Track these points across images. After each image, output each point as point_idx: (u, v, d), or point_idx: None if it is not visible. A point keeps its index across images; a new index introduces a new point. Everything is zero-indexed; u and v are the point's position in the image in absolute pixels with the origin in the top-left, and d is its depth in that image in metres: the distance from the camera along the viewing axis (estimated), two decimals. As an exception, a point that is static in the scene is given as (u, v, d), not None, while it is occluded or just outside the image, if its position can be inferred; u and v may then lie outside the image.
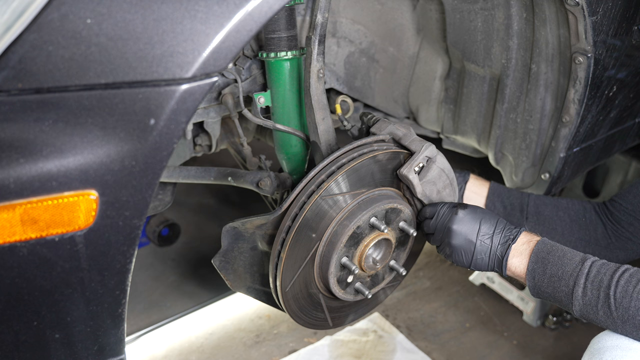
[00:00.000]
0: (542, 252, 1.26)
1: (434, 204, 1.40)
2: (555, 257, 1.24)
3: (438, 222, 1.35)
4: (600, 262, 1.20)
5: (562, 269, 1.22)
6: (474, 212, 1.33)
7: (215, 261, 1.39)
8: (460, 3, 1.65)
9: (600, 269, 1.19)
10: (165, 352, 2.19)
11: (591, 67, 1.48)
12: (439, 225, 1.35)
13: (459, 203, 1.37)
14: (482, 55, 1.70)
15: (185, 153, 1.73)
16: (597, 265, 1.19)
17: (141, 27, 0.92)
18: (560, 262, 1.23)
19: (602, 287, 1.16)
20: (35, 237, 0.94)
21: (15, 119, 0.89)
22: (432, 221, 1.37)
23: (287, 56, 1.44)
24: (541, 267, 1.25)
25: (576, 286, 1.19)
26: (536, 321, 2.34)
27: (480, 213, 1.33)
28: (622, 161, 2.69)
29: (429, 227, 1.39)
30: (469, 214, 1.32)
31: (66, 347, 1.07)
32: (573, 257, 1.23)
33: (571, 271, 1.21)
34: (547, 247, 1.27)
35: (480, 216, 1.32)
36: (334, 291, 1.39)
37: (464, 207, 1.34)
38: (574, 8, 1.38)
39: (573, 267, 1.21)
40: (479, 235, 1.30)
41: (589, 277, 1.18)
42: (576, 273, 1.20)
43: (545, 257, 1.25)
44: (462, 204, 1.35)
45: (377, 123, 1.45)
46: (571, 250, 1.26)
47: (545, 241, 1.29)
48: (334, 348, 2.21)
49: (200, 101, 0.97)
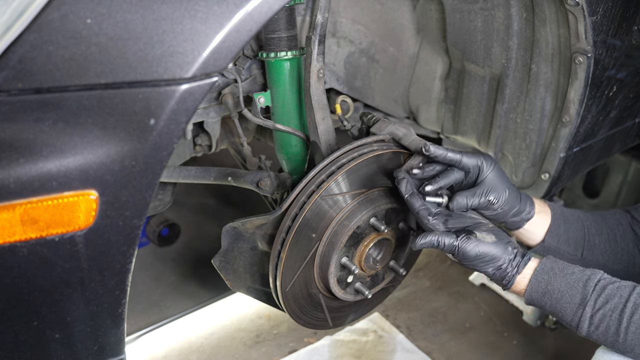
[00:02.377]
0: (537, 292, 1.22)
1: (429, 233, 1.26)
2: (552, 299, 1.21)
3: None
4: (604, 299, 1.15)
5: (562, 312, 1.19)
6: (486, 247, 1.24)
7: (215, 261, 1.39)
8: (460, 3, 1.65)
9: (605, 311, 1.15)
10: (165, 352, 2.19)
11: (591, 67, 1.48)
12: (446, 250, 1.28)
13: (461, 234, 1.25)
14: (482, 55, 1.70)
15: (185, 153, 1.73)
16: (600, 305, 1.15)
17: (141, 27, 0.92)
18: (558, 306, 1.20)
19: (609, 333, 1.14)
20: (35, 237, 0.94)
21: (15, 119, 0.89)
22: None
23: (287, 56, 1.44)
24: (539, 303, 1.23)
25: (579, 329, 1.18)
26: (536, 321, 2.34)
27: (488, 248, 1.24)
28: (622, 161, 2.69)
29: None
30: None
31: (66, 347, 1.07)
32: (572, 299, 1.18)
33: (572, 316, 1.18)
34: (542, 286, 1.22)
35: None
36: (334, 291, 1.39)
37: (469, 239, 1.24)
38: (574, 8, 1.38)
39: (573, 311, 1.18)
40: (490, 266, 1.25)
41: (593, 322, 1.15)
42: (577, 319, 1.17)
43: (541, 299, 1.22)
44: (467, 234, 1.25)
45: (377, 123, 1.45)
46: (570, 283, 1.20)
47: (539, 277, 1.23)
48: (334, 348, 2.21)
49: (200, 101, 0.97)
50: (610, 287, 1.16)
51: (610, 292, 1.16)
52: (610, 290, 1.16)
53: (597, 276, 1.19)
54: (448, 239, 1.21)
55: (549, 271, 1.22)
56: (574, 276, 1.20)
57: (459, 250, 1.21)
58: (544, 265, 1.24)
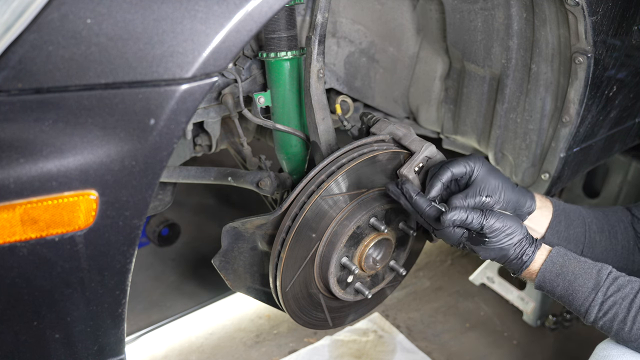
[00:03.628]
0: (551, 273, 1.23)
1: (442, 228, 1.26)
2: (565, 280, 1.21)
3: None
4: (615, 287, 1.17)
5: (573, 295, 1.20)
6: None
7: (215, 261, 1.39)
8: (460, 3, 1.65)
9: (615, 298, 1.16)
10: (165, 352, 2.19)
11: (591, 67, 1.48)
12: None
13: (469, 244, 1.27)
14: (482, 55, 1.70)
15: (185, 153, 1.73)
16: (611, 293, 1.17)
17: (141, 27, 0.92)
18: (571, 288, 1.21)
19: (616, 320, 1.16)
20: (35, 237, 0.94)
21: (15, 119, 0.89)
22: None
23: (287, 56, 1.44)
24: (549, 287, 1.23)
25: (587, 315, 1.19)
26: (536, 321, 2.34)
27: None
28: (622, 161, 2.69)
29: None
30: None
31: (66, 347, 1.07)
32: (585, 283, 1.19)
33: (582, 300, 1.19)
34: (556, 267, 1.23)
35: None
36: (334, 291, 1.39)
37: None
38: (574, 8, 1.38)
39: (585, 295, 1.19)
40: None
41: (602, 309, 1.17)
42: (588, 304, 1.18)
43: (554, 279, 1.22)
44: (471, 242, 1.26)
45: (377, 123, 1.45)
46: (583, 268, 1.21)
47: (555, 259, 1.24)
48: (334, 348, 2.21)
49: (200, 101, 0.97)
50: (622, 279, 1.19)
51: (622, 283, 1.18)
52: (622, 280, 1.18)
53: (608, 267, 1.21)
54: (475, 214, 1.22)
55: (563, 255, 1.24)
56: (587, 264, 1.22)
57: (486, 222, 1.21)
58: (558, 249, 1.26)
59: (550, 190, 1.77)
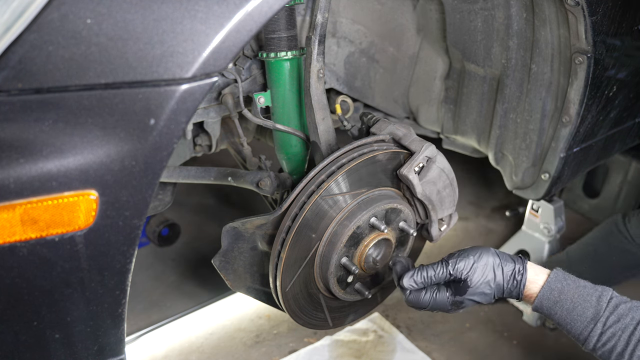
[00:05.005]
0: (549, 300, 1.21)
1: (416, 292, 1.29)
2: (563, 309, 1.20)
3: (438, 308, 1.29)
4: (615, 317, 1.15)
5: (571, 324, 1.19)
6: (462, 291, 1.25)
7: (215, 261, 1.39)
8: (460, 3, 1.65)
9: (615, 330, 1.14)
10: (165, 352, 2.19)
11: (591, 67, 1.48)
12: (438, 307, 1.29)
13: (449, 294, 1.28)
14: (482, 55, 1.70)
15: (185, 153, 1.73)
16: (611, 323, 1.15)
17: (141, 27, 0.92)
18: (569, 317, 1.19)
19: (614, 352, 1.14)
20: (35, 237, 0.94)
21: (15, 119, 0.89)
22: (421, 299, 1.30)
23: (287, 56, 1.44)
24: (547, 312, 1.22)
25: (586, 344, 1.17)
26: (536, 321, 2.34)
27: (469, 288, 1.24)
28: (622, 161, 2.69)
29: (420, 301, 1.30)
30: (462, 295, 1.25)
31: (66, 347, 1.07)
32: (584, 312, 1.17)
33: (581, 329, 1.17)
34: (554, 294, 1.21)
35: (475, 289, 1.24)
36: (334, 291, 1.39)
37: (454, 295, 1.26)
38: (574, 8, 1.38)
39: (584, 325, 1.17)
40: (490, 292, 1.25)
41: (601, 340, 1.15)
42: (587, 333, 1.17)
43: (552, 307, 1.21)
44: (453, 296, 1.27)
45: (377, 123, 1.45)
46: (582, 296, 1.19)
47: (553, 286, 1.21)
48: (334, 348, 2.21)
49: (200, 101, 0.97)
50: (623, 307, 1.16)
51: (623, 312, 1.15)
52: (622, 309, 1.16)
53: (609, 293, 1.19)
54: (434, 266, 1.26)
55: (562, 280, 1.22)
56: (586, 290, 1.20)
57: (452, 267, 1.24)
58: (556, 273, 1.23)
59: (550, 190, 1.77)
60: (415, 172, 1.37)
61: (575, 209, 2.99)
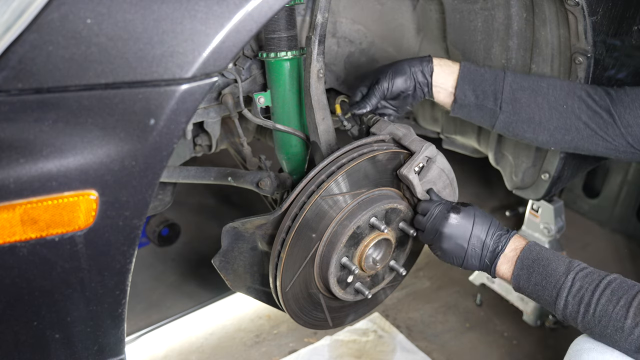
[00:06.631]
0: (528, 259, 1.27)
1: (429, 201, 1.38)
2: (540, 266, 1.25)
3: (429, 222, 1.34)
4: (584, 273, 1.21)
5: (546, 279, 1.24)
6: (466, 216, 1.31)
7: (215, 261, 1.39)
8: (460, 3, 1.65)
9: (583, 282, 1.20)
10: (165, 352, 2.19)
11: (591, 67, 1.48)
12: (430, 226, 1.34)
13: (453, 206, 1.34)
14: (482, 55, 1.70)
15: (185, 153, 1.73)
16: (580, 278, 1.20)
17: (141, 27, 0.92)
18: (545, 272, 1.24)
19: (582, 303, 1.18)
20: (35, 237, 0.94)
21: (15, 119, 0.89)
22: (423, 219, 1.37)
23: (287, 56, 1.44)
24: (526, 275, 1.27)
25: (558, 298, 1.22)
26: (536, 321, 2.34)
27: (472, 217, 1.31)
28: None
29: (420, 223, 1.38)
30: (462, 218, 1.31)
31: (66, 347, 1.07)
32: (557, 268, 1.24)
33: (554, 282, 1.23)
34: (532, 254, 1.28)
35: (472, 221, 1.31)
36: (334, 291, 1.39)
37: (457, 210, 1.32)
38: (574, 8, 1.38)
39: (556, 278, 1.23)
40: (470, 242, 1.31)
41: (571, 292, 1.20)
42: (559, 286, 1.22)
43: (531, 266, 1.26)
44: (455, 207, 1.33)
45: (377, 123, 1.45)
46: (557, 257, 1.26)
47: (532, 248, 1.29)
48: (334, 348, 2.21)
49: (200, 101, 0.97)
50: (590, 269, 1.23)
51: (590, 271, 1.22)
52: (589, 270, 1.23)
53: (578, 261, 1.25)
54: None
55: (537, 246, 1.30)
56: (558, 254, 1.28)
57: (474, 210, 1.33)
58: (531, 244, 1.30)
59: (550, 190, 1.77)
60: (415, 172, 1.37)
61: (575, 209, 2.99)
